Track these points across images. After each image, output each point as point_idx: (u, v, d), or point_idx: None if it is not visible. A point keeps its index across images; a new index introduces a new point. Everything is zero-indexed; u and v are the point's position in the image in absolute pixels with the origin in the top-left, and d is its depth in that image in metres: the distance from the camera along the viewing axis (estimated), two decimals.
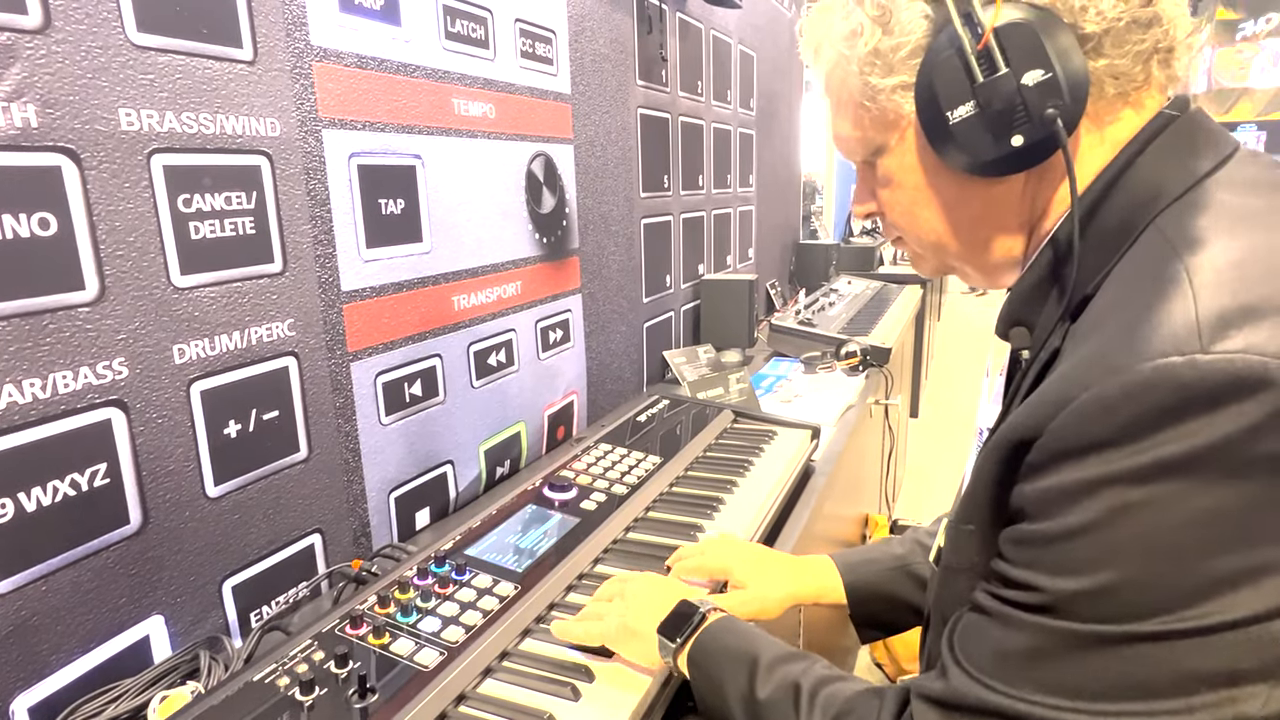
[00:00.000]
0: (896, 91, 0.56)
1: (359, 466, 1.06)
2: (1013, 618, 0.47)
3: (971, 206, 0.58)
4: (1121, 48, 0.51)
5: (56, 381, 0.71)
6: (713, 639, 0.68)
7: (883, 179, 0.61)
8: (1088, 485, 0.43)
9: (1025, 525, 0.48)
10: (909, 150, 0.58)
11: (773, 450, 1.28)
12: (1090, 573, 0.43)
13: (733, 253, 2.60)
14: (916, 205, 0.60)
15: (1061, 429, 0.45)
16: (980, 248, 0.60)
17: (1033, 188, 0.56)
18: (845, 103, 0.61)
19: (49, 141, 0.69)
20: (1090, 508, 0.43)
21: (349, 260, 1.02)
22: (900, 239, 0.65)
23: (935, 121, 0.54)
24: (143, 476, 0.79)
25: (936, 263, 0.64)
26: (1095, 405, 0.43)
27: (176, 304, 0.81)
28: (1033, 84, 0.50)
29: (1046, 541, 0.46)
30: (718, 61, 2.31)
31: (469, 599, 0.80)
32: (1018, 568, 0.48)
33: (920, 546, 0.89)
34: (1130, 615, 0.42)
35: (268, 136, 0.89)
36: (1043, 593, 0.46)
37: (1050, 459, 0.45)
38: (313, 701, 0.65)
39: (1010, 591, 0.48)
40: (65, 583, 0.73)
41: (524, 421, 1.42)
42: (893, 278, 3.49)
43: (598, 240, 1.64)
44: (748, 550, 0.91)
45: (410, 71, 1.09)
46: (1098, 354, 0.45)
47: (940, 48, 0.53)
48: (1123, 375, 0.43)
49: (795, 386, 1.88)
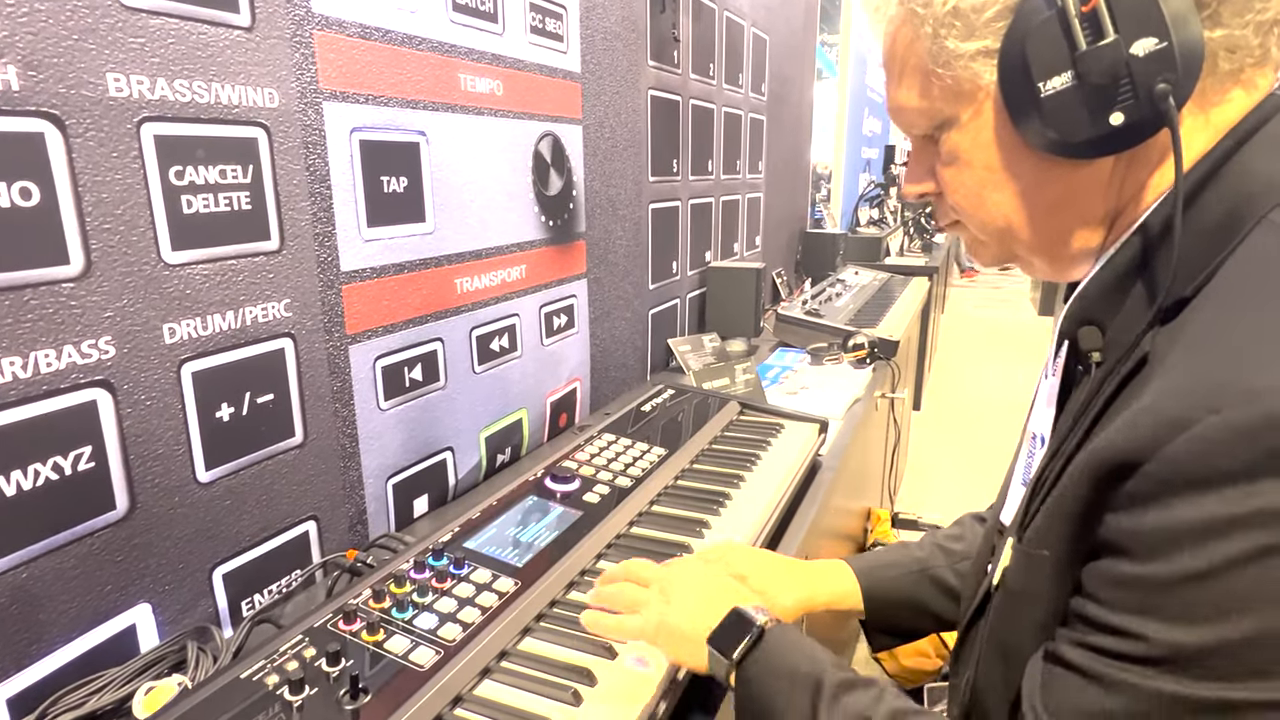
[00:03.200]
0: (977, 58, 0.49)
1: (356, 452, 1.03)
2: (1112, 677, 0.42)
3: (1051, 191, 0.52)
4: (1242, 16, 0.44)
5: (39, 360, 0.67)
6: (771, 656, 0.61)
7: (947, 156, 0.54)
8: (1216, 525, 0.38)
9: (1127, 565, 0.42)
10: (984, 125, 0.51)
11: (780, 444, 1.25)
12: (1212, 624, 0.38)
13: (740, 240, 2.56)
14: (986, 187, 0.53)
15: (1181, 456, 0.39)
16: (1055, 237, 0.54)
17: (1121, 172, 0.50)
18: (912, 68, 0.54)
19: (31, 106, 0.65)
20: (1217, 551, 0.38)
21: (349, 239, 0.98)
22: (958, 223, 0.59)
23: (1022, 94, 0.48)
24: (130, 460, 0.76)
25: (1000, 251, 0.58)
26: (1226, 432, 0.38)
27: (167, 281, 0.77)
28: (1143, 54, 0.43)
29: (1158, 586, 0.40)
30: (730, 44, 2.26)
31: (467, 595, 0.77)
32: (1118, 613, 0.42)
33: (940, 550, 0.85)
34: (1255, 674, 0.38)
35: (265, 108, 0.85)
36: (1150, 643, 0.40)
37: (1163, 490, 0.40)
38: (302, 701, 0.62)
39: (1106, 639, 0.43)
40: (48, 569, 0.70)
41: (526, 408, 1.39)
42: (900, 269, 3.45)
43: (605, 224, 1.60)
44: (758, 557, 0.85)
45: (416, 44, 1.05)
46: (1225, 370, 0.40)
47: (1035, 9, 0.46)
48: (1263, 401, 0.37)
49: (801, 378, 1.85)
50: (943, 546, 0.85)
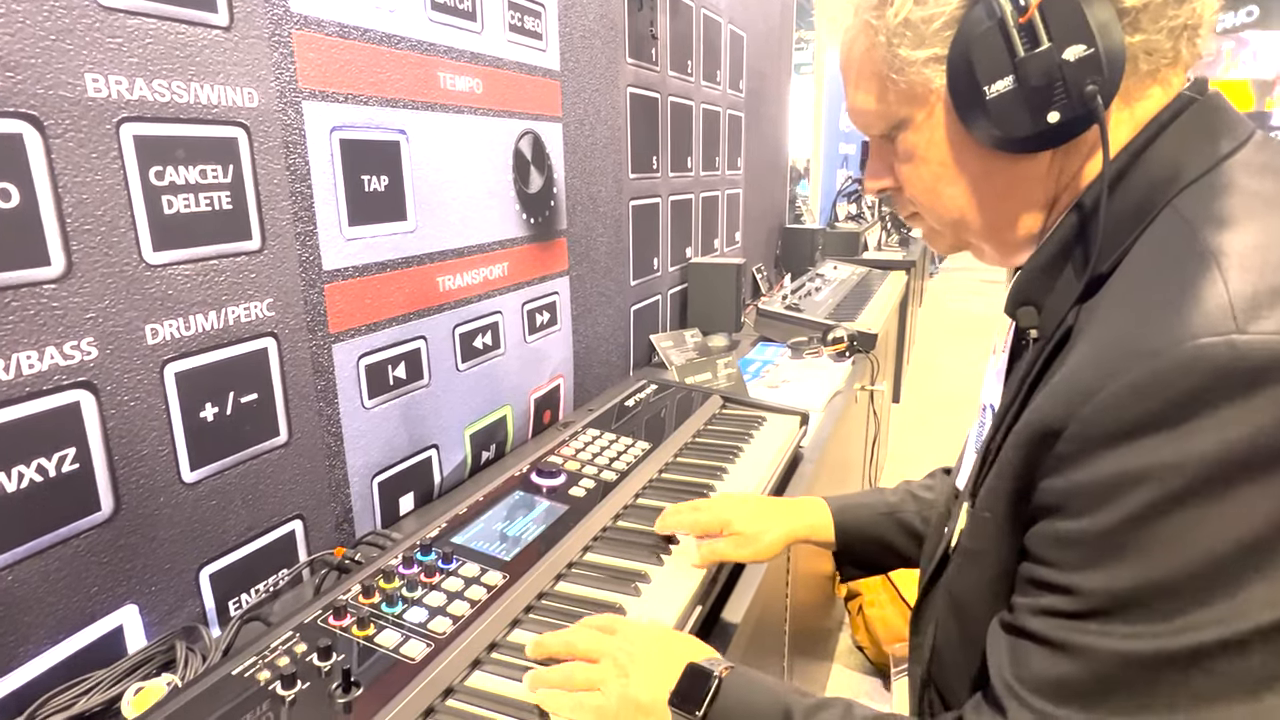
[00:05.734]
0: (929, 64, 0.54)
1: (341, 450, 1.03)
2: (1070, 641, 0.45)
3: (997, 182, 0.56)
4: (1157, 23, 0.49)
5: (20, 362, 0.67)
6: (734, 701, 0.61)
7: (904, 154, 0.59)
8: (1129, 476, 0.42)
9: (1062, 523, 0.46)
10: (936, 125, 0.56)
11: (762, 436, 1.27)
12: (1142, 567, 0.42)
13: (720, 236, 2.58)
14: (940, 181, 0.58)
15: (1094, 417, 0.43)
16: (1003, 225, 0.58)
17: (1059, 163, 0.55)
18: (868, 75, 0.58)
19: (9, 107, 0.64)
20: (1133, 499, 0.41)
21: (330, 238, 0.98)
22: (916, 215, 0.63)
23: (968, 96, 0.52)
24: (114, 461, 0.75)
25: (954, 239, 0.62)
26: (1128, 392, 0.42)
27: (149, 282, 0.77)
28: (1074, 59, 0.48)
29: (1094, 539, 0.43)
30: (708, 41, 2.27)
31: (456, 588, 0.78)
32: (1063, 571, 0.45)
33: (911, 497, 0.91)
34: (1195, 609, 0.41)
35: (245, 107, 0.85)
36: (1092, 595, 0.44)
37: (1083, 449, 0.44)
38: (295, 696, 0.63)
39: (1056, 599, 0.46)
40: (33, 572, 0.70)
41: (510, 405, 1.39)
42: (878, 263, 3.49)
43: (586, 221, 1.61)
44: (744, 501, 0.93)
45: (394, 43, 1.05)
46: (1126, 338, 0.44)
47: (978, 19, 0.51)
48: (1157, 359, 0.41)
49: (782, 372, 1.87)
50: (914, 494, 0.91)
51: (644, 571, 0.86)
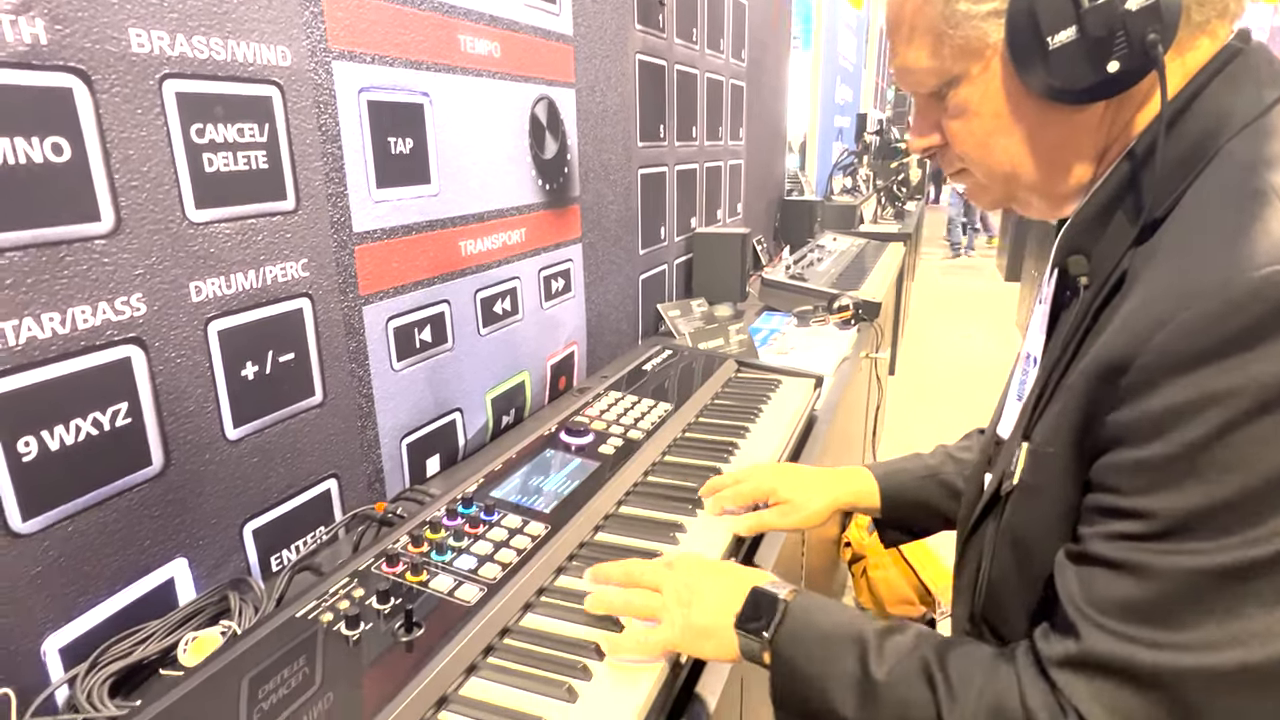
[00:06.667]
0: (987, 19, 0.55)
1: (372, 412, 1.05)
2: (1138, 561, 0.46)
3: (1051, 134, 0.58)
4: None
5: (75, 316, 0.68)
6: (802, 624, 0.62)
7: (955, 109, 0.60)
8: (1200, 401, 0.44)
9: (1130, 452, 0.47)
10: (991, 78, 0.57)
11: (779, 398, 1.29)
12: (1213, 485, 0.43)
13: (723, 207, 2.58)
14: (995, 134, 0.59)
15: (1165, 345, 0.45)
16: (1055, 176, 0.59)
17: (1111, 114, 0.56)
18: (921, 31, 0.59)
19: (59, 60, 0.65)
20: (1204, 422, 0.43)
21: (360, 200, 0.99)
22: (963, 171, 0.64)
23: (1030, 48, 0.53)
24: (164, 417, 0.77)
25: (1002, 193, 0.64)
26: (1200, 320, 0.44)
27: (193, 239, 0.78)
28: (1135, 9, 0.50)
29: (1162, 463, 0.45)
30: (711, 8, 2.26)
31: (501, 538, 0.80)
32: (1130, 497, 0.47)
33: (950, 459, 0.92)
34: (1262, 522, 0.43)
35: (278, 66, 0.85)
36: (1160, 517, 0.45)
37: (1153, 378, 0.45)
38: (359, 635, 0.65)
39: (1125, 524, 0.47)
40: (91, 524, 0.71)
41: (528, 371, 1.41)
42: (875, 235, 3.51)
43: (597, 189, 1.62)
44: (787, 470, 0.95)
45: (417, 3, 1.05)
46: (1193, 271, 0.46)
47: None
48: (1227, 288, 0.43)
49: (789, 339, 1.89)
50: (952, 455, 0.93)
51: (680, 522, 0.88)
